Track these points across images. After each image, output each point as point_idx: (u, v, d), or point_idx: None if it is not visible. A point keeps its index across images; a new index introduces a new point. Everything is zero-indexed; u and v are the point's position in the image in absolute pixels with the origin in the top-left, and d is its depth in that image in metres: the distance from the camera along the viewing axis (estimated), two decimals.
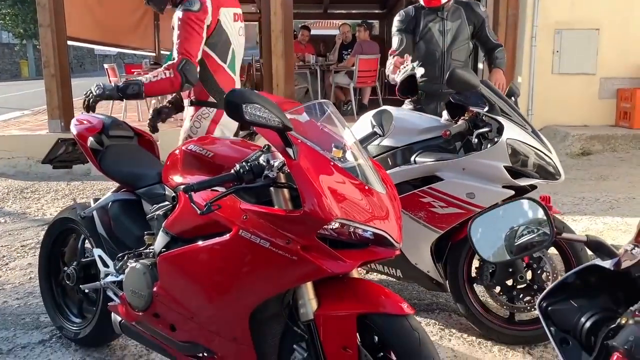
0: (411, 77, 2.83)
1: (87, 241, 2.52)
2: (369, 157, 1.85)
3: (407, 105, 3.27)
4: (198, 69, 2.55)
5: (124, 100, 2.82)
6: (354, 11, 16.82)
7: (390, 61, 3.15)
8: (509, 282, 2.56)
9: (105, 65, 8.23)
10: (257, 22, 16.88)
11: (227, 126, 2.73)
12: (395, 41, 3.29)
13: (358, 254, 1.64)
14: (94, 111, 2.60)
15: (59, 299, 2.70)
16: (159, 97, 7.93)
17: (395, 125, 2.20)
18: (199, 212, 1.58)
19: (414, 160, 2.63)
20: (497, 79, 3.28)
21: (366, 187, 1.68)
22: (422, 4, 3.24)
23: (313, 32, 12.65)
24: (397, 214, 1.73)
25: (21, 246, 4.10)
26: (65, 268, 2.62)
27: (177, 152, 2.08)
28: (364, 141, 2.04)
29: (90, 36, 8.14)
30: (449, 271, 2.65)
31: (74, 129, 2.52)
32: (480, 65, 7.50)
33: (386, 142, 2.70)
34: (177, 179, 2.01)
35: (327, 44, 12.83)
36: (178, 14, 2.55)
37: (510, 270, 2.51)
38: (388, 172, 2.11)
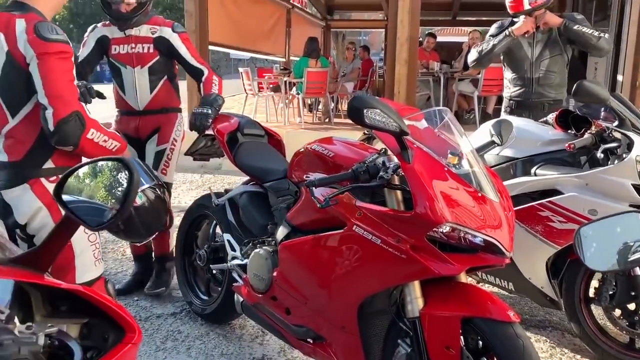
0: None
1: (218, 227, 2.80)
2: (485, 166, 1.88)
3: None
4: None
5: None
6: (484, 18, 16.33)
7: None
8: (631, 306, 2.42)
9: (241, 69, 8.85)
10: (383, 29, 17.13)
11: None
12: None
13: (466, 259, 1.68)
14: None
15: (191, 278, 3.02)
16: (286, 100, 8.35)
17: (516, 136, 2.20)
18: (318, 205, 1.73)
19: (535, 173, 2.59)
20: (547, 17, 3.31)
21: (479, 195, 1.72)
22: (510, 11, 3.41)
23: (440, 39, 12.51)
24: (509, 223, 1.75)
25: None
26: (198, 250, 2.93)
27: (301, 150, 2.26)
28: (482, 150, 2.08)
29: (229, 41, 8.80)
30: (565, 289, 2.56)
31: (214, 127, 2.81)
32: (620, 78, 7.00)
33: (506, 152, 2.68)
34: (300, 175, 2.19)
35: (453, 52, 12.62)
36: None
37: (633, 293, 2.38)
38: (507, 183, 2.11)
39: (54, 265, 0.99)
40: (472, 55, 3.56)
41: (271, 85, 9.24)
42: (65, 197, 0.90)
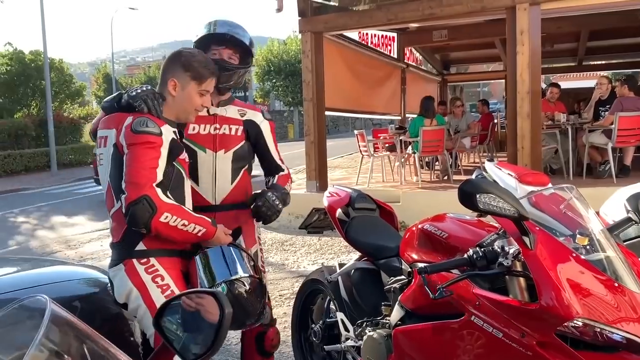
0: None
1: (332, 303, 2.77)
2: (620, 247, 1.68)
3: None
4: None
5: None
6: (613, 61, 15.28)
7: None
8: None
9: (355, 132, 9.01)
10: (503, 80, 16.66)
11: None
12: None
13: (605, 359, 1.48)
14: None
15: (307, 354, 2.99)
16: (401, 158, 8.30)
17: None
18: (431, 296, 1.63)
19: None
20: None
21: (616, 284, 1.53)
22: None
23: (565, 85, 11.86)
24: None
25: (279, 295, 4.65)
26: (313, 325, 2.91)
27: (413, 229, 2.19)
28: (616, 228, 1.86)
29: (345, 106, 9.05)
30: None
31: (325, 201, 2.84)
32: None
33: None
34: (413, 255, 2.11)
35: (580, 100, 11.88)
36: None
37: None
38: None
39: None
40: None
41: (386, 145, 9.27)
42: (164, 325, 0.93)
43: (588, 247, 1.61)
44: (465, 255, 1.68)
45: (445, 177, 8.38)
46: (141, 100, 2.02)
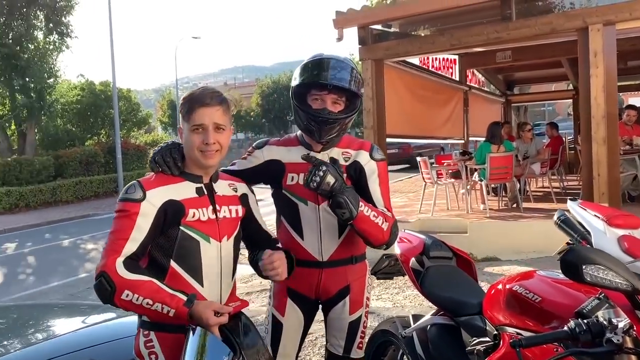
0: None
1: (405, 356, 2.61)
2: None
3: None
4: None
5: None
6: None
7: None
8: None
9: (418, 159, 8.79)
10: (570, 100, 15.97)
11: None
12: None
13: None
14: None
15: None
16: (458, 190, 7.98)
17: None
18: None
19: None
20: None
21: None
22: None
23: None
24: None
25: None
26: None
27: (499, 287, 2.01)
28: None
29: (406, 132, 8.87)
30: None
31: (397, 248, 2.69)
32: None
33: None
34: (500, 317, 1.92)
35: None
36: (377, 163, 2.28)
37: None
38: None
39: None
40: None
41: (450, 172, 9.00)
42: None
43: None
44: (566, 328, 1.50)
45: (515, 205, 8.01)
46: (153, 162, 1.92)
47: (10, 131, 21.72)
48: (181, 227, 1.82)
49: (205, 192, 1.90)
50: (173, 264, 1.82)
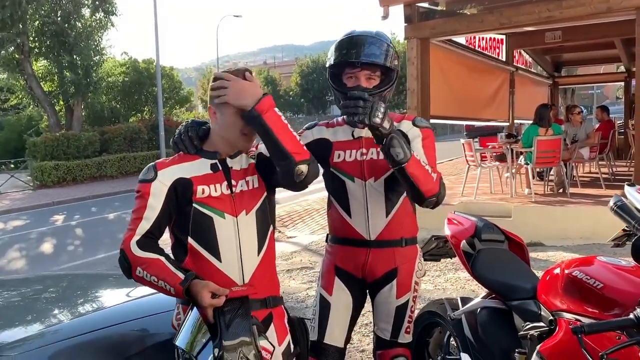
0: None
1: (452, 339, 2.59)
2: None
3: None
4: None
5: None
6: None
7: None
8: None
9: (462, 140, 8.63)
10: (621, 82, 15.35)
11: None
12: None
13: None
14: None
15: None
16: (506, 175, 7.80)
17: None
18: None
19: None
20: None
21: None
22: None
23: None
24: None
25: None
26: (430, 359, 2.74)
27: (556, 271, 1.96)
28: None
29: (450, 113, 8.71)
30: None
31: (447, 229, 2.66)
32: None
33: None
34: (556, 302, 1.88)
35: None
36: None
37: None
38: None
39: None
40: None
41: (495, 154, 8.81)
42: None
43: None
44: (632, 316, 1.45)
45: (561, 190, 7.79)
46: (173, 143, 1.96)
47: (59, 107, 22.37)
48: (194, 204, 1.83)
49: (220, 168, 1.89)
50: (191, 240, 1.85)
